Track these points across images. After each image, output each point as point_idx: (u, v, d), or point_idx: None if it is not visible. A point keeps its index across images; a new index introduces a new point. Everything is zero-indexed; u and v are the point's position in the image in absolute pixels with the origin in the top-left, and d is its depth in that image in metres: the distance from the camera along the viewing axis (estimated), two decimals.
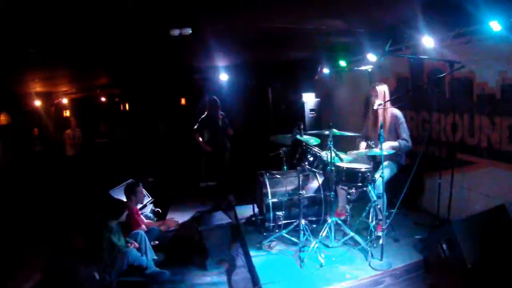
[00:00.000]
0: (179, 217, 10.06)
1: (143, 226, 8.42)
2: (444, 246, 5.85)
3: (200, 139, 11.22)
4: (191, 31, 7.87)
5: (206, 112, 11.33)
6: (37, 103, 17.68)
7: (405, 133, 7.50)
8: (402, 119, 7.56)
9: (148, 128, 18.53)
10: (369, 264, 6.43)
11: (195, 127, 11.19)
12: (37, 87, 16.44)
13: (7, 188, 13.26)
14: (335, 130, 7.01)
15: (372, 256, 6.57)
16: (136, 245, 7.60)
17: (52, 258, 8.36)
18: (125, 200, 8.62)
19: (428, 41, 7.59)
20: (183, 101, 19.75)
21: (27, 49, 8.80)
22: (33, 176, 14.95)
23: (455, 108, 7.54)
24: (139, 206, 9.19)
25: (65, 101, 19.57)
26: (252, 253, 7.28)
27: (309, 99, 12.94)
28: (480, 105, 7.24)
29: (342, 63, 11.24)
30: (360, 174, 6.90)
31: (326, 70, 12.64)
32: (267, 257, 7.08)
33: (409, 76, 9.31)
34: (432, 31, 7.49)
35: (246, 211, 9.32)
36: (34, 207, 11.64)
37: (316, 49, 11.61)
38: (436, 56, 7.80)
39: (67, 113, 20.30)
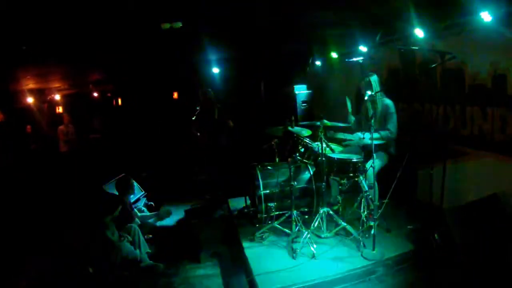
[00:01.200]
0: (174, 211, 10.07)
1: (137, 220, 8.43)
2: (436, 235, 5.89)
3: (197, 133, 11.17)
4: (181, 25, 7.89)
5: (200, 105, 11.30)
6: (30, 100, 17.67)
7: (392, 123, 7.51)
8: (393, 109, 7.57)
9: (141, 123, 18.51)
10: (362, 254, 6.44)
11: (193, 119, 11.13)
12: (30, 84, 16.45)
13: (4, 187, 13.24)
14: (326, 121, 7.03)
15: (364, 246, 6.57)
16: (130, 238, 7.62)
17: (47, 254, 8.37)
18: (118, 194, 8.63)
19: (419, 33, 7.61)
20: (175, 95, 19.73)
21: (20, 47, 8.80)
22: (28, 173, 14.90)
23: (446, 99, 7.56)
24: (132, 200, 9.21)
25: (57, 97, 19.57)
26: (244, 244, 7.28)
27: (301, 91, 12.95)
28: (471, 95, 7.27)
29: (334, 55, 11.25)
30: (351, 165, 6.95)
31: (318, 62, 12.64)
32: (259, 248, 7.09)
33: (400, 67, 9.32)
34: (423, 23, 7.51)
35: (238, 203, 9.33)
36: (29, 205, 11.62)
37: (308, 41, 11.64)
38: (427, 47, 7.80)
39: (59, 109, 20.28)
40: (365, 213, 6.93)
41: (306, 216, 7.63)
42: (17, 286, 7.52)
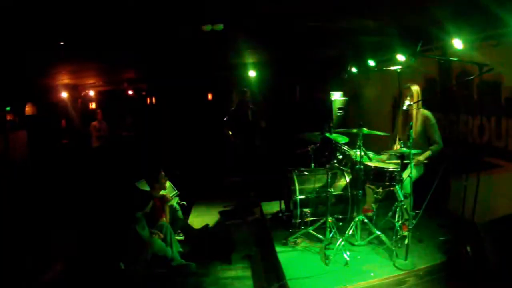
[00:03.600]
0: (205, 212, 10.14)
1: (165, 219, 8.47)
2: (468, 248, 5.88)
3: (230, 132, 11.24)
4: (223, 27, 7.94)
5: (235, 105, 11.37)
6: (64, 95, 17.84)
7: (436, 134, 7.52)
8: (433, 120, 7.56)
9: (175, 123, 18.58)
10: (394, 264, 6.42)
11: (225, 119, 11.20)
12: (64, 79, 16.59)
13: (33, 179, 13.38)
14: (365, 129, 7.05)
15: (396, 255, 6.55)
16: (161, 235, 7.71)
17: (77, 248, 8.47)
18: (149, 190, 8.69)
19: (457, 43, 7.57)
20: (209, 96, 19.83)
21: (57, 42, 8.90)
22: (59, 166, 15.05)
23: (482, 111, 7.53)
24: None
25: (91, 93, 19.76)
26: (277, 248, 7.30)
27: (337, 98, 12.97)
28: (507, 108, 7.22)
29: (371, 62, 11.21)
30: (388, 174, 6.91)
31: (354, 69, 12.65)
32: (292, 253, 7.11)
33: (437, 77, 9.28)
34: (461, 33, 7.49)
35: (272, 207, 9.36)
36: (59, 198, 11.72)
37: (345, 48, 11.63)
38: (465, 58, 7.77)
39: (93, 106, 20.49)
40: (399, 222, 6.92)
41: (341, 223, 7.64)
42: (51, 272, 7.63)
